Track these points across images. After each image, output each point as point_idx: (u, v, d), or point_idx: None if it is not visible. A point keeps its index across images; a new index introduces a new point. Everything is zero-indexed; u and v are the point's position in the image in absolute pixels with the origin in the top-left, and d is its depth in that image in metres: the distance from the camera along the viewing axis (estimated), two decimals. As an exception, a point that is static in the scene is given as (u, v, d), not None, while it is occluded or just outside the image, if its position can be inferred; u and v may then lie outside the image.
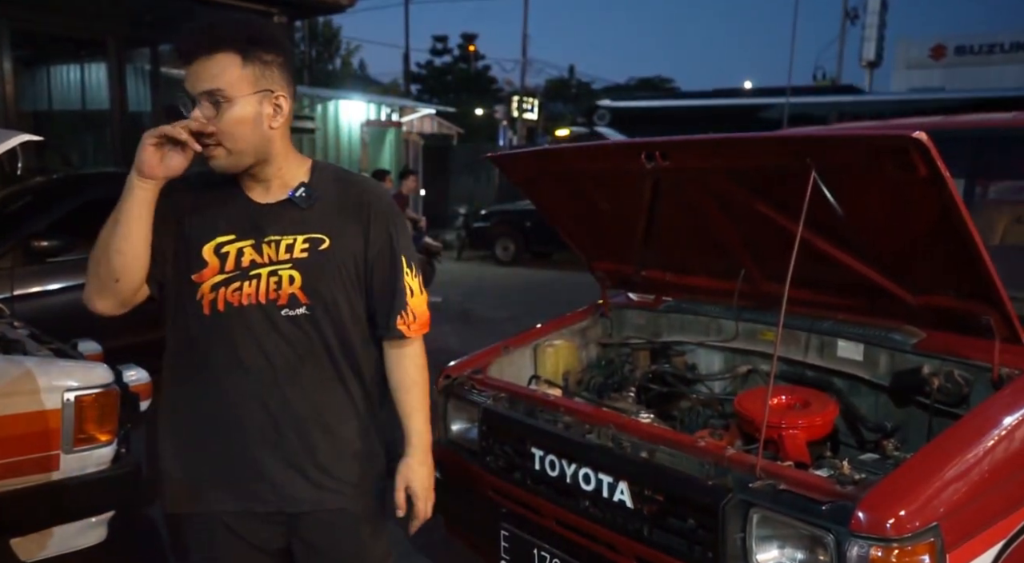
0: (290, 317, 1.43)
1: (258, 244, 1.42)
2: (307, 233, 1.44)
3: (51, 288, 4.39)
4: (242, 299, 1.41)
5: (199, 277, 1.41)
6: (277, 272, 1.41)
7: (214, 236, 1.41)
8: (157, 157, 1.33)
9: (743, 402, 1.96)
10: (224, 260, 1.40)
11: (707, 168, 2.03)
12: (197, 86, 1.34)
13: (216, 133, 1.34)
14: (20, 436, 2.06)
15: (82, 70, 11.54)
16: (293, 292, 1.42)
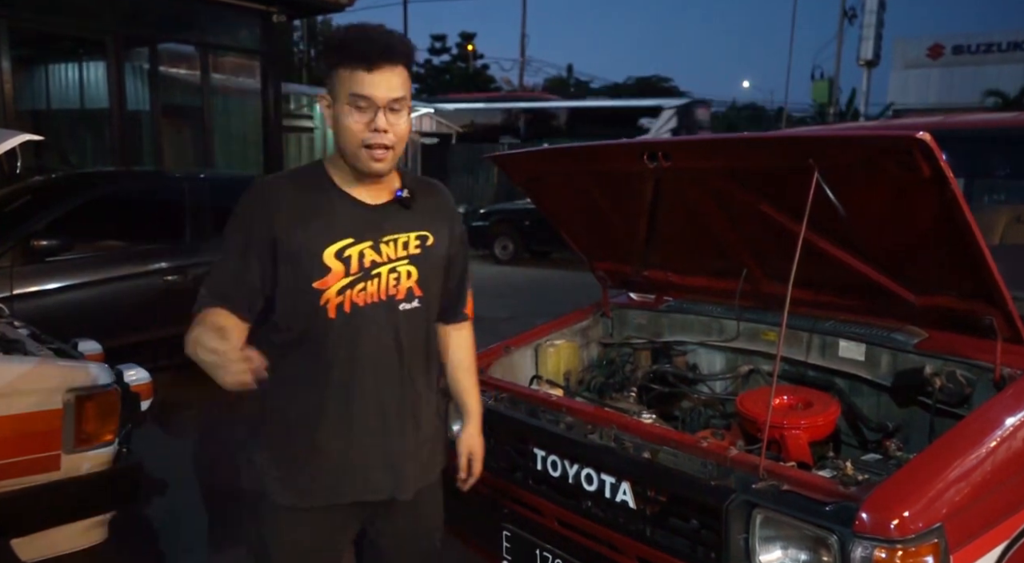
0: (406, 311, 1.52)
1: (376, 244, 1.49)
2: (416, 230, 1.54)
3: (50, 287, 4.39)
4: (367, 298, 1.48)
5: (322, 283, 1.44)
6: (396, 269, 1.50)
7: (332, 242, 1.45)
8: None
9: (745, 402, 1.96)
10: (348, 263, 1.46)
11: (709, 168, 2.03)
12: (386, 94, 1.41)
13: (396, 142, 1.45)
14: (21, 436, 2.06)
15: (80, 69, 11.51)
16: (410, 286, 1.52)
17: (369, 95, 1.40)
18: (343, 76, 1.41)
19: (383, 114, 1.41)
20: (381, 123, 1.41)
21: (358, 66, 1.39)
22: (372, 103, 1.40)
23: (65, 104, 11.76)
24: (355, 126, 1.41)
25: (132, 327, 4.57)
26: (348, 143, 1.44)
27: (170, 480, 3.48)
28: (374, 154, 1.43)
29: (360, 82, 1.39)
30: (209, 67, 9.79)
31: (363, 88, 1.40)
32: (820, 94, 24.80)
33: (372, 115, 1.41)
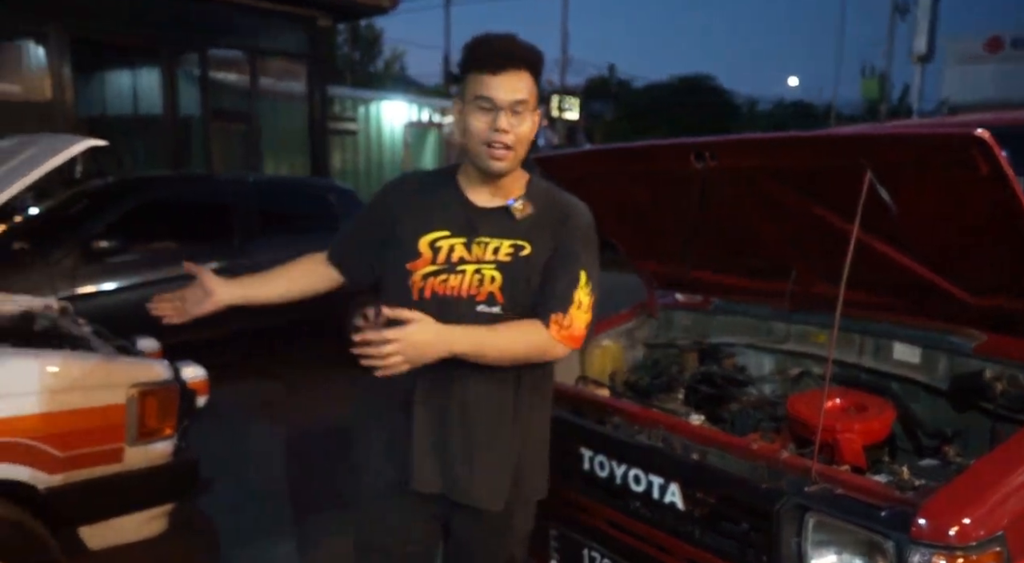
0: (483, 313, 1.55)
1: (469, 242, 1.56)
2: (513, 239, 1.57)
3: (109, 287, 4.55)
4: (447, 290, 1.55)
5: (413, 266, 1.56)
6: (481, 270, 1.55)
7: (429, 231, 1.57)
8: None
9: (796, 405, 1.93)
10: (436, 253, 1.56)
11: (757, 168, 2.01)
12: (508, 96, 1.50)
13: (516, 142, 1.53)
14: (89, 429, 2.15)
15: (134, 75, 11.88)
16: (492, 290, 1.55)
17: (491, 97, 1.49)
18: (470, 80, 1.52)
19: (504, 115, 1.50)
20: (502, 123, 1.50)
21: (484, 70, 1.50)
22: (494, 104, 1.49)
23: (120, 110, 12.15)
24: (479, 126, 1.51)
25: (185, 326, 4.70)
26: (472, 142, 1.54)
27: (223, 475, 3.58)
28: (494, 152, 1.51)
29: (484, 85, 1.50)
30: (257, 71, 10.02)
31: (486, 90, 1.49)
32: (870, 91, 24.16)
33: (494, 116, 1.50)
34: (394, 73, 30.08)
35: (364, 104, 15.02)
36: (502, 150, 1.51)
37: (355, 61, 27.03)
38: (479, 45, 1.52)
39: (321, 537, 3.11)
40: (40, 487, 2.08)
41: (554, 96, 23.70)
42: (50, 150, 2.43)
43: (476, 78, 1.51)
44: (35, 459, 2.05)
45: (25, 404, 2.04)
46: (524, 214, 1.58)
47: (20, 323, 2.84)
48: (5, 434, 2.00)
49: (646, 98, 31.71)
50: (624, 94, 33.84)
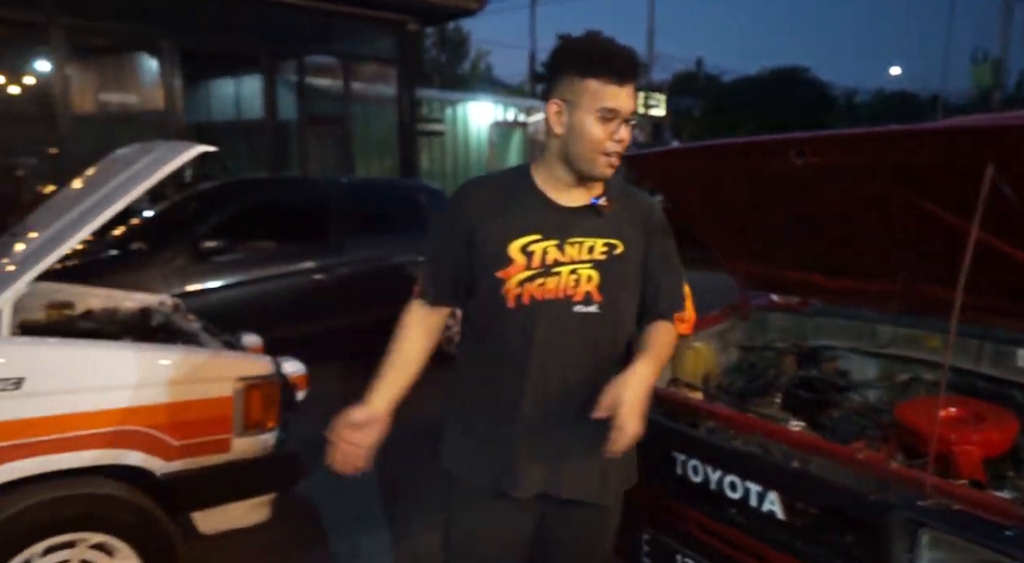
0: (581, 313, 1.55)
1: (561, 244, 1.55)
2: (605, 237, 1.57)
3: (215, 285, 4.80)
4: (544, 294, 1.54)
5: (504, 273, 1.54)
6: (576, 270, 1.54)
7: (519, 236, 1.54)
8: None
9: (906, 413, 1.84)
10: (530, 258, 1.53)
11: (862, 164, 1.92)
12: (630, 107, 1.51)
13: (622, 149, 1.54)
14: (200, 420, 2.27)
15: (236, 83, 12.50)
16: (589, 290, 1.55)
17: (618, 108, 1.49)
18: (593, 87, 1.48)
19: (624, 126, 1.51)
20: (623, 134, 1.51)
21: (611, 80, 1.47)
22: (618, 115, 1.49)
23: (224, 116, 12.81)
24: (600, 135, 1.49)
25: (284, 322, 4.91)
26: (587, 150, 1.51)
27: (312, 467, 3.71)
28: (611, 161, 1.53)
29: (612, 96, 1.48)
30: (350, 76, 10.35)
31: (614, 101, 1.48)
32: (982, 78, 22.65)
33: (616, 126, 1.50)
34: (480, 74, 30.42)
35: (451, 105, 15.27)
36: (616, 158, 1.53)
37: (442, 63, 27.50)
38: (604, 52, 1.48)
39: (410, 531, 3.18)
40: (158, 473, 2.22)
41: (640, 93, 23.34)
42: (166, 156, 2.58)
43: (601, 87, 1.47)
44: (153, 447, 2.20)
45: (144, 395, 2.18)
46: (609, 212, 1.59)
47: (139, 319, 3.03)
48: (128, 423, 2.15)
49: (736, 92, 30.81)
50: (713, 89, 33.00)
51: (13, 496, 2.02)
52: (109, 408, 2.12)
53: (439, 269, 1.63)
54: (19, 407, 2.01)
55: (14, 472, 2.02)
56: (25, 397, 2.02)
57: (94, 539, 2.12)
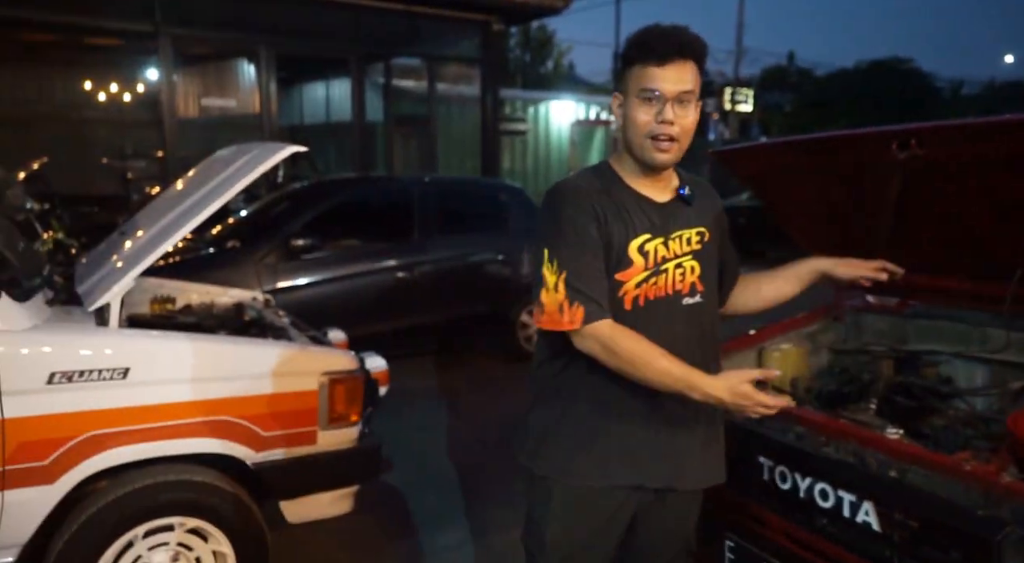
0: (688, 305, 1.58)
1: (666, 241, 1.55)
2: (696, 227, 1.60)
3: (304, 282, 4.98)
4: (657, 292, 1.54)
5: (624, 275, 1.52)
6: (682, 264, 1.56)
7: (635, 236, 1.52)
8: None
9: (1020, 423, 1.70)
10: (647, 258, 1.53)
11: (973, 157, 1.80)
12: (674, 86, 1.47)
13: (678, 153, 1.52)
14: (288, 412, 2.36)
15: (327, 86, 12.95)
16: (693, 281, 1.58)
17: (658, 88, 1.46)
18: (635, 72, 1.48)
19: (671, 106, 1.47)
20: (668, 115, 1.47)
21: (649, 61, 1.46)
22: (661, 96, 1.46)
23: (314, 119, 13.30)
24: (643, 118, 1.48)
25: (369, 318, 5.04)
26: (635, 135, 1.50)
27: (395, 462, 3.80)
28: (659, 145, 1.49)
29: (651, 77, 1.47)
30: (435, 77, 10.53)
31: (653, 82, 1.46)
32: (1106, 64, 20.82)
33: (660, 107, 1.47)
34: (563, 72, 30.37)
35: (533, 104, 15.31)
36: (667, 142, 1.49)
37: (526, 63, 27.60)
38: (644, 36, 1.49)
39: (488, 528, 3.20)
40: (248, 462, 2.31)
41: (726, 89, 22.75)
42: (260, 157, 2.68)
43: (641, 70, 1.48)
44: (245, 437, 2.29)
45: (238, 387, 2.28)
46: (693, 201, 1.61)
47: (233, 314, 3.18)
48: (222, 413, 2.25)
49: (830, 87, 29.55)
50: (805, 83, 31.82)
51: (118, 480, 2.14)
52: (206, 399, 2.23)
53: (597, 276, 1.49)
54: (125, 396, 2.13)
55: (120, 457, 2.14)
56: (130, 386, 2.13)
57: (191, 524, 2.23)
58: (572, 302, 1.46)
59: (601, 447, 1.57)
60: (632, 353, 1.45)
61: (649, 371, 1.45)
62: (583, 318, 1.46)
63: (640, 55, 1.48)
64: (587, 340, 1.47)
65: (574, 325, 1.47)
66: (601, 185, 1.55)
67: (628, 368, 1.46)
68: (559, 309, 1.47)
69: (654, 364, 1.44)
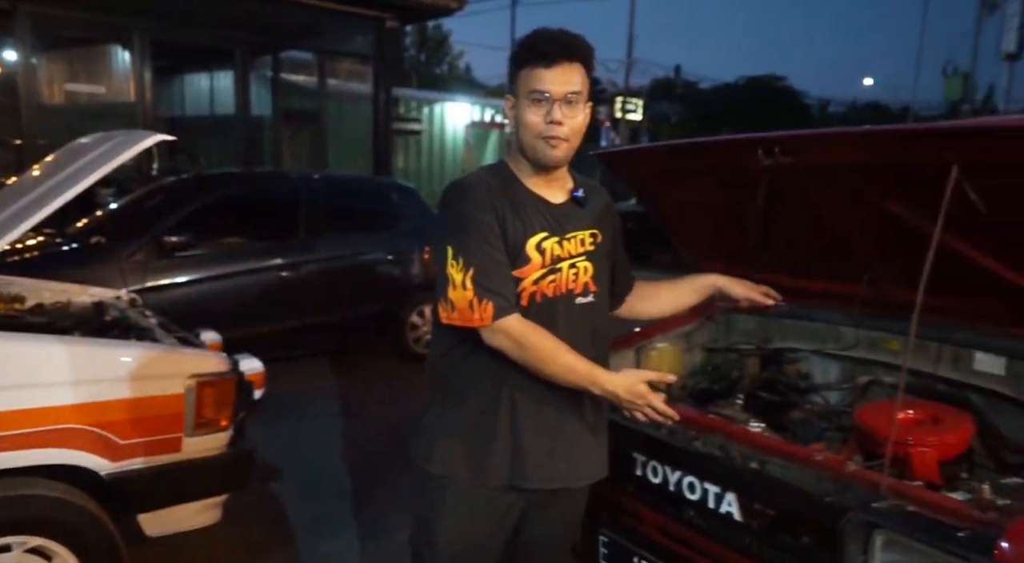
0: (581, 304, 1.61)
1: (561, 240, 1.58)
2: (590, 229, 1.63)
3: (178, 281, 4.70)
4: (553, 290, 1.57)
5: (522, 272, 1.53)
6: (576, 264, 1.59)
7: (533, 233, 1.55)
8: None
9: (865, 415, 1.82)
10: (543, 255, 1.55)
11: (830, 164, 1.91)
12: (561, 88, 1.51)
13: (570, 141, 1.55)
14: (149, 418, 2.20)
15: (211, 78, 12.34)
16: (586, 281, 1.61)
17: (546, 89, 1.50)
18: (524, 75, 1.53)
19: (559, 107, 1.50)
20: (556, 115, 1.50)
21: (538, 63, 1.51)
22: (549, 97, 1.50)
23: (197, 111, 12.63)
24: (533, 119, 1.52)
25: (249, 319, 4.83)
26: (527, 135, 1.54)
27: (278, 467, 3.65)
28: (550, 143, 1.53)
29: (539, 78, 1.50)
30: (326, 73, 10.25)
31: (541, 83, 1.50)
32: (953, 91, 23.05)
33: (548, 108, 1.51)
34: (459, 74, 30.38)
35: (428, 105, 15.20)
36: (556, 140, 1.53)
37: (421, 63, 27.41)
38: (531, 40, 1.53)
39: (377, 533, 3.13)
40: (102, 473, 2.14)
41: (617, 98, 23.46)
42: (125, 144, 2.51)
43: (530, 72, 1.52)
44: (97, 446, 2.11)
45: (89, 391, 2.10)
46: (586, 203, 1.64)
47: (92, 314, 2.94)
48: (70, 421, 2.07)
49: (714, 100, 31.12)
50: (691, 95, 33.29)
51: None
52: (49, 405, 2.04)
53: (503, 271, 1.50)
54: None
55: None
56: (-41, 392, 1.93)
57: (32, 543, 2.04)
58: (481, 299, 1.47)
59: (498, 447, 1.56)
60: (540, 348, 1.48)
61: (556, 365, 1.49)
62: (493, 314, 1.47)
63: (528, 58, 1.52)
64: (497, 335, 1.49)
65: (484, 321, 1.48)
66: (499, 183, 1.57)
67: (535, 362, 1.49)
68: (469, 306, 1.48)
69: (560, 359, 1.49)
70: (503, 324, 1.47)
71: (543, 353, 1.48)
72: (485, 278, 1.48)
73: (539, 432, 1.57)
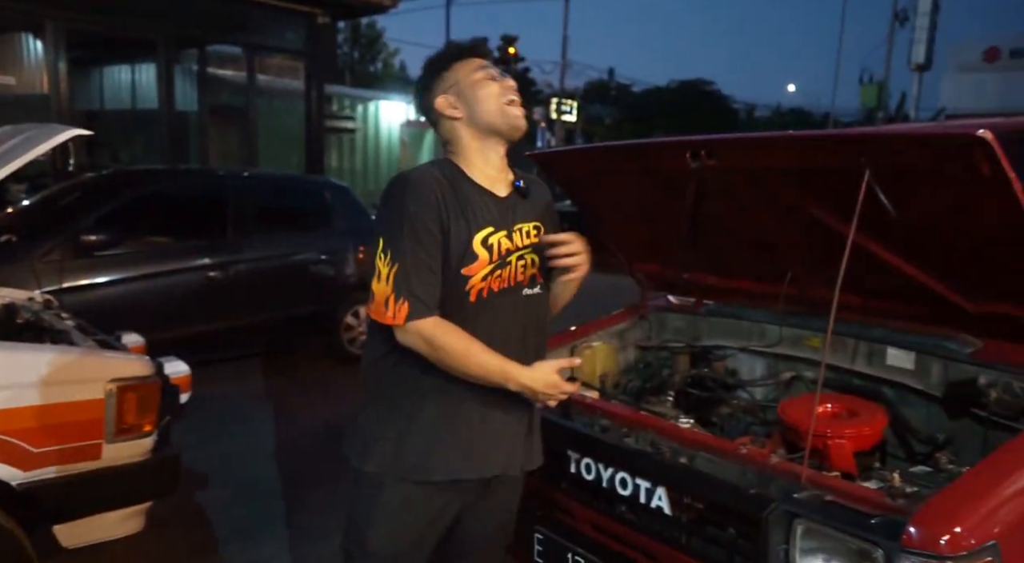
0: (528, 296, 1.62)
1: (509, 233, 1.59)
2: (534, 220, 1.65)
3: (98, 281, 4.50)
4: (501, 284, 1.57)
5: (470, 269, 1.53)
6: (524, 256, 1.61)
7: (479, 229, 1.55)
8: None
9: (787, 409, 1.90)
10: (491, 251, 1.55)
11: (754, 168, 1.98)
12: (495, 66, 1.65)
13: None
14: (65, 424, 2.10)
15: (133, 71, 11.85)
16: (534, 273, 1.63)
17: (487, 63, 1.62)
18: (459, 66, 1.61)
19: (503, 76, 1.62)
20: (509, 81, 1.61)
21: (465, 55, 1.62)
22: (491, 70, 1.61)
23: (118, 105, 12.11)
24: (493, 89, 1.59)
25: (175, 321, 4.67)
26: (492, 104, 1.59)
27: (206, 473, 3.54)
28: (515, 107, 1.60)
29: (473, 61, 1.62)
30: (255, 68, 9.98)
31: (481, 62, 1.62)
32: (869, 98, 24.18)
33: (494, 75, 1.60)
34: (394, 72, 30.06)
35: (363, 103, 14.99)
36: (518, 105, 1.60)
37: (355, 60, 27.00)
38: (452, 45, 1.66)
39: (310, 538, 3.07)
40: (13, 483, 2.03)
41: (552, 99, 23.67)
42: (36, 138, 2.39)
43: (462, 62, 1.61)
44: (8, 455, 2.00)
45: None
46: (528, 195, 1.67)
47: (2, 316, 2.79)
48: (-23, 428, 1.96)
49: (646, 102, 31.77)
50: (624, 98, 33.89)
51: None
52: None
53: (428, 273, 1.49)
54: None
55: None
56: None
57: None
58: (398, 297, 1.47)
59: (433, 443, 1.56)
60: (453, 348, 1.49)
61: (469, 364, 1.49)
62: (406, 315, 1.47)
63: (455, 54, 1.62)
64: (409, 336, 1.49)
65: (397, 321, 1.48)
66: (445, 178, 1.56)
67: (449, 362, 1.49)
68: (385, 302, 1.48)
69: (474, 358, 1.49)
70: (415, 326, 1.47)
71: (456, 353, 1.48)
72: (407, 277, 1.47)
73: (473, 426, 1.58)
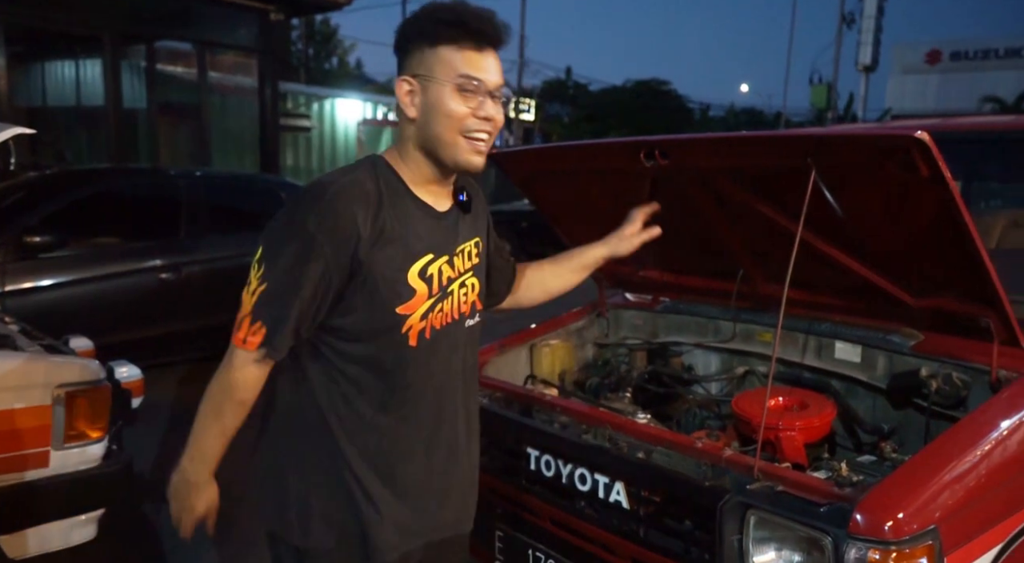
0: (469, 327, 1.41)
1: (451, 258, 1.34)
2: (475, 238, 1.42)
3: (43, 284, 4.37)
4: (444, 319, 1.33)
5: (406, 308, 1.27)
6: (465, 282, 1.37)
7: (415, 260, 1.28)
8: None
9: (740, 403, 1.95)
10: (431, 283, 1.30)
11: (706, 167, 2.02)
12: (495, 79, 1.27)
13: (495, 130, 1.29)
14: (10, 432, 2.04)
15: (77, 66, 11.48)
16: (474, 300, 1.41)
17: (479, 77, 1.24)
18: (447, 55, 1.23)
19: (491, 101, 1.27)
20: (489, 110, 1.26)
21: (468, 45, 1.24)
22: (481, 87, 1.25)
23: (61, 101, 11.72)
24: (461, 110, 1.24)
25: (126, 324, 4.56)
26: (447, 130, 1.25)
27: (160, 479, 3.46)
28: (476, 145, 1.27)
29: (470, 62, 1.24)
30: (206, 65, 9.79)
31: (474, 69, 1.24)
32: (819, 99, 24.87)
33: (481, 100, 1.26)
34: (349, 70, 29.74)
35: (318, 101, 14.81)
36: (483, 143, 1.27)
37: (309, 57, 26.63)
38: (457, 13, 1.23)
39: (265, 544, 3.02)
40: (-44, 493, 1.97)
41: (510, 97, 23.72)
42: (-26, 138, 2.31)
43: (456, 52, 1.23)
44: (-49, 463, 1.95)
45: (-60, 405, 1.93)
46: (470, 206, 1.42)
47: (-59, 320, 2.70)
48: (-83, 437, 1.89)
49: (603, 101, 32.05)
50: (581, 97, 34.12)
51: None
52: None
53: (298, 306, 1.21)
54: None
55: None
56: None
57: None
58: (255, 321, 1.23)
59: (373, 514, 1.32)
60: (234, 411, 1.31)
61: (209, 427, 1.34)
62: (258, 346, 1.24)
63: (455, 35, 1.23)
64: (247, 367, 1.26)
65: (248, 346, 1.25)
66: (377, 192, 1.26)
67: (211, 415, 1.32)
68: (242, 319, 1.25)
69: (211, 429, 1.34)
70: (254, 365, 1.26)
71: (220, 410, 1.31)
72: (270, 307, 1.22)
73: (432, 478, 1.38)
